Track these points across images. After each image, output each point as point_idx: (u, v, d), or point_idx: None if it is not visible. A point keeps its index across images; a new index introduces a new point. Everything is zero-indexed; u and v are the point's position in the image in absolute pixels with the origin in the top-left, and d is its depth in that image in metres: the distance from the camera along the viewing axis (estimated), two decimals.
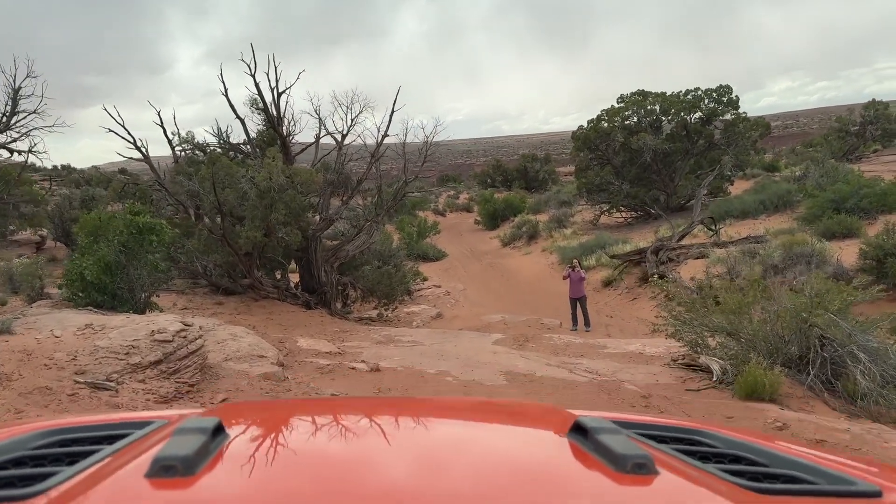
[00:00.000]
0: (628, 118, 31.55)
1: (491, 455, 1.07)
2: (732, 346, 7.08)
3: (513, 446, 1.17)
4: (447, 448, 1.12)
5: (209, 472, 0.86)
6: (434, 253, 31.78)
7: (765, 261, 16.51)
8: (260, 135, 15.62)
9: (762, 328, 6.68)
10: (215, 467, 0.88)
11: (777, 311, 6.68)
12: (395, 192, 15.81)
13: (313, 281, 15.24)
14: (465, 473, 0.94)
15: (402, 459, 1.01)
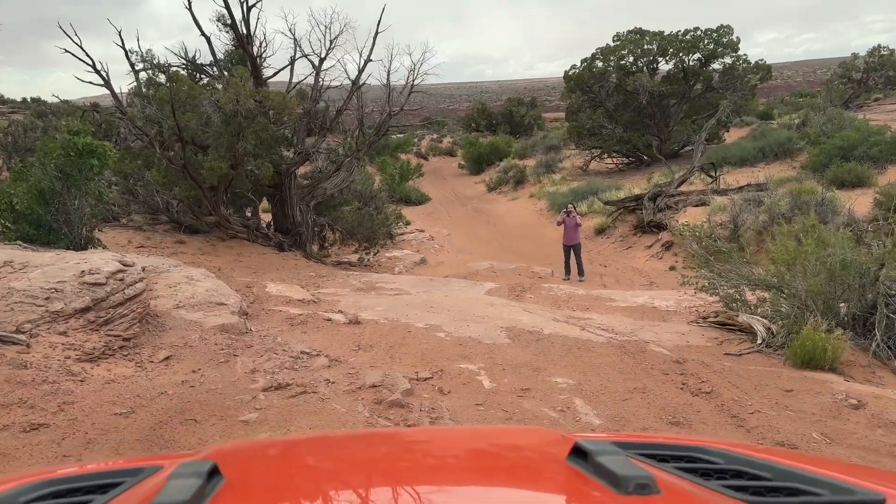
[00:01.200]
0: (624, 58, 29.96)
1: (491, 484, 1.05)
2: (779, 303, 6.00)
3: (512, 475, 1.12)
4: (446, 482, 1.08)
5: None
6: (417, 196, 30.44)
7: (771, 209, 15.47)
8: (229, 56, 13.99)
9: (818, 282, 5.58)
10: None
11: (837, 260, 5.58)
12: (378, 125, 14.38)
13: (287, 221, 13.93)
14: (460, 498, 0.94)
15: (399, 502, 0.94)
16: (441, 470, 1.18)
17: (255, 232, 13.30)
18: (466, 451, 1.34)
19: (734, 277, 6.26)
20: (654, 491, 0.85)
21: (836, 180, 16.42)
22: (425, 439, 1.55)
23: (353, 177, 14.69)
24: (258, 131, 11.89)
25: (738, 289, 6.18)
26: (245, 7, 12.45)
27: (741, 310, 6.20)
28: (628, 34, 30.27)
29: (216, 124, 10.67)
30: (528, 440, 1.42)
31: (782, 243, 5.68)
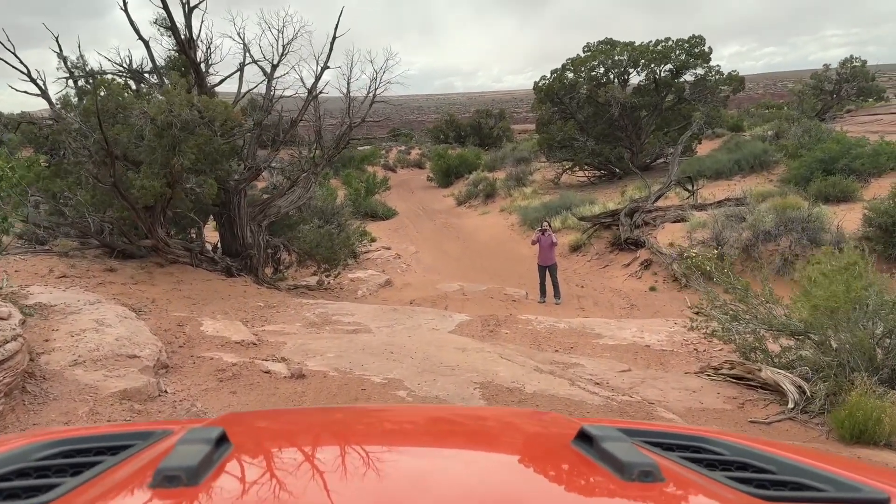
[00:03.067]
0: (595, 69, 29.24)
1: (497, 465, 1.05)
2: (813, 356, 4.96)
3: (518, 456, 1.14)
4: (453, 459, 1.09)
5: (213, 482, 0.85)
6: (383, 211, 29.23)
7: (755, 226, 14.67)
8: (172, 63, 12.69)
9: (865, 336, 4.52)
10: (219, 477, 0.87)
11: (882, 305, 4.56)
12: (338, 137, 13.19)
13: (236, 243, 12.64)
14: (470, 485, 0.92)
15: (407, 472, 0.98)
16: (445, 448, 1.17)
17: (198, 256, 11.98)
18: (474, 430, 1.34)
19: (752, 321, 5.23)
20: (657, 479, 0.85)
21: (819, 195, 15.69)
22: (434, 416, 1.54)
23: (310, 193, 13.47)
24: (201, 144, 10.61)
25: (758, 335, 5.15)
26: (186, 8, 11.20)
27: (763, 361, 5.16)
28: (599, 45, 29.61)
29: (148, 137, 9.38)
30: (536, 423, 1.42)
31: (828, 287, 4.60)
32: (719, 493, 0.86)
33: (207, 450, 0.90)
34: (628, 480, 0.85)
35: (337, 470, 0.99)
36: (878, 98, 29.78)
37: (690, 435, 1.21)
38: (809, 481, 0.92)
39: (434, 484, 0.91)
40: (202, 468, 0.84)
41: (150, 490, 0.80)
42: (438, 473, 0.98)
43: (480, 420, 1.48)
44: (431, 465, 1.03)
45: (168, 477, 0.81)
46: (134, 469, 0.92)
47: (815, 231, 14.02)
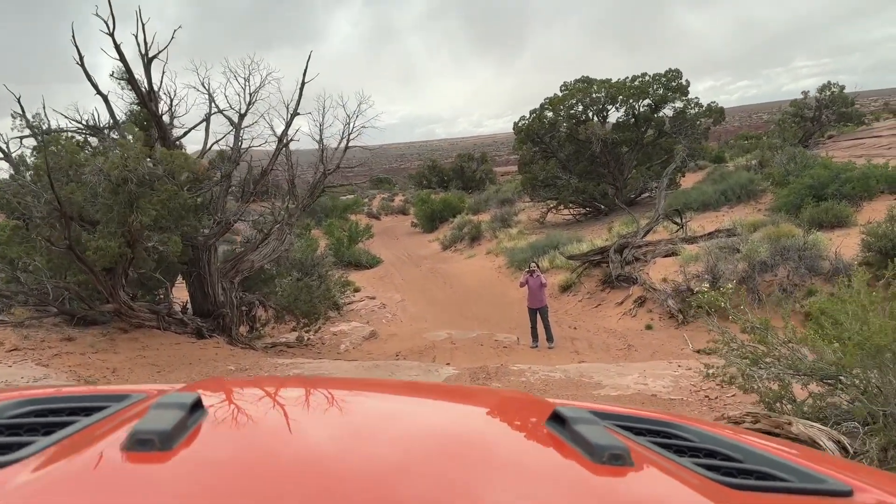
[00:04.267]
0: (573, 107, 29.16)
1: (466, 442, 1.05)
2: (843, 403, 4.30)
3: (489, 434, 1.14)
4: (421, 433, 1.10)
5: (186, 447, 0.84)
6: (367, 259, 28.56)
7: (750, 257, 14.14)
8: (133, 116, 12.15)
9: None
10: (192, 442, 0.86)
11: None
12: (313, 185, 12.63)
13: (207, 302, 11.91)
14: (439, 460, 0.93)
15: (377, 440, 0.99)
16: (416, 424, 1.17)
17: (166, 318, 11.22)
18: (448, 408, 1.34)
19: (775, 364, 4.57)
20: (627, 462, 0.86)
21: (811, 222, 15.24)
22: (408, 391, 1.59)
23: (285, 245, 12.81)
24: (164, 200, 9.98)
25: (784, 382, 4.50)
26: (145, 59, 10.71)
27: (792, 413, 4.48)
28: (576, 83, 29.60)
29: (103, 195, 8.73)
30: (510, 404, 1.42)
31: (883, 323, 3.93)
32: (687, 479, 0.87)
33: (182, 415, 0.89)
34: (598, 463, 0.86)
35: (310, 434, 1.00)
36: (859, 123, 29.84)
37: (661, 420, 1.23)
38: (775, 471, 0.94)
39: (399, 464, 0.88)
40: (175, 432, 0.84)
41: (123, 452, 0.80)
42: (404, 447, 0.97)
43: (455, 394, 1.50)
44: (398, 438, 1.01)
45: (141, 440, 0.81)
46: (107, 431, 0.91)
47: (813, 259, 13.51)
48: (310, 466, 0.85)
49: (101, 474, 0.79)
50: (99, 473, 0.79)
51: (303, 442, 0.97)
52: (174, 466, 0.79)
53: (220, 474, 0.81)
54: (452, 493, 0.82)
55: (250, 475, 0.80)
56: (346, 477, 0.82)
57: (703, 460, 0.99)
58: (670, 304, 14.61)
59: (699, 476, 0.89)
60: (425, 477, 0.86)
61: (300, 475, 0.81)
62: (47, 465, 0.79)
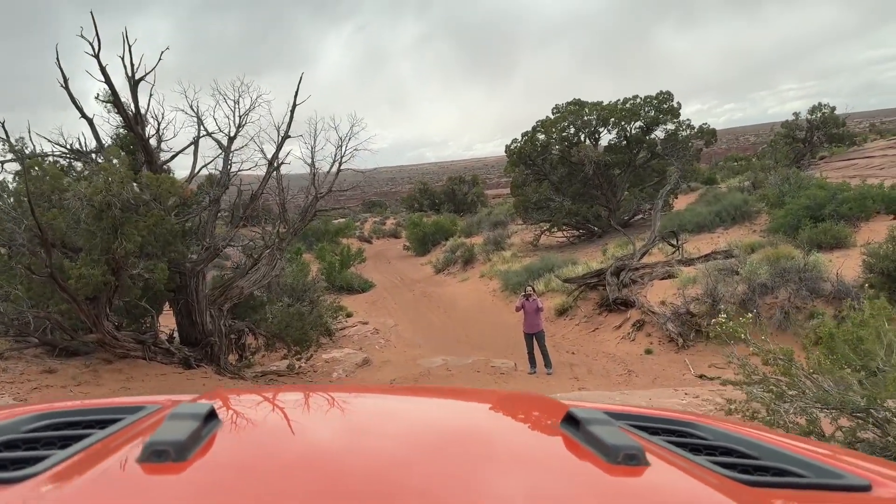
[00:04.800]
0: (565, 129, 29.12)
1: (481, 444, 1.05)
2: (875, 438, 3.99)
3: (504, 436, 1.14)
4: (438, 436, 1.10)
5: (201, 457, 0.84)
6: (360, 283, 28.19)
7: (750, 279, 13.91)
8: (119, 140, 11.87)
9: None
10: (207, 453, 0.87)
11: None
12: (304, 209, 12.33)
13: (195, 330, 11.52)
14: (456, 462, 0.92)
15: (393, 446, 0.99)
16: (431, 426, 1.16)
17: (152, 348, 10.82)
18: (462, 410, 1.34)
19: (801, 398, 4.27)
20: (642, 462, 0.86)
21: (812, 242, 15.06)
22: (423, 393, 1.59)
23: (276, 270, 12.46)
24: (150, 226, 9.66)
25: (811, 417, 4.20)
26: (132, 82, 10.44)
27: None
28: (567, 106, 29.60)
29: (85, 221, 8.39)
30: (524, 404, 1.42)
31: None
32: (703, 477, 0.87)
33: (196, 425, 0.89)
34: (613, 463, 0.85)
35: (324, 443, 0.99)
36: (850, 143, 29.94)
37: (676, 420, 1.22)
38: (792, 467, 0.93)
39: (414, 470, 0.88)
40: (190, 443, 0.84)
41: (139, 464, 0.80)
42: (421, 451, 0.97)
43: (470, 398, 1.48)
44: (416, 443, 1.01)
45: (157, 451, 0.81)
46: (122, 443, 0.92)
47: (814, 280, 13.29)
48: (325, 472, 0.85)
49: (117, 486, 0.79)
50: (115, 485, 0.79)
51: (319, 448, 0.97)
52: (190, 476, 0.79)
53: (236, 483, 0.81)
54: (468, 488, 0.82)
55: (265, 483, 0.79)
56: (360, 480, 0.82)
57: (719, 458, 0.98)
58: (670, 327, 14.33)
59: (715, 474, 0.89)
60: (439, 474, 0.87)
61: (315, 482, 0.81)
62: (64, 478, 0.80)
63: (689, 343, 14.02)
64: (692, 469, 0.90)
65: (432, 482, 0.85)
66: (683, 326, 14.22)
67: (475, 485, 0.84)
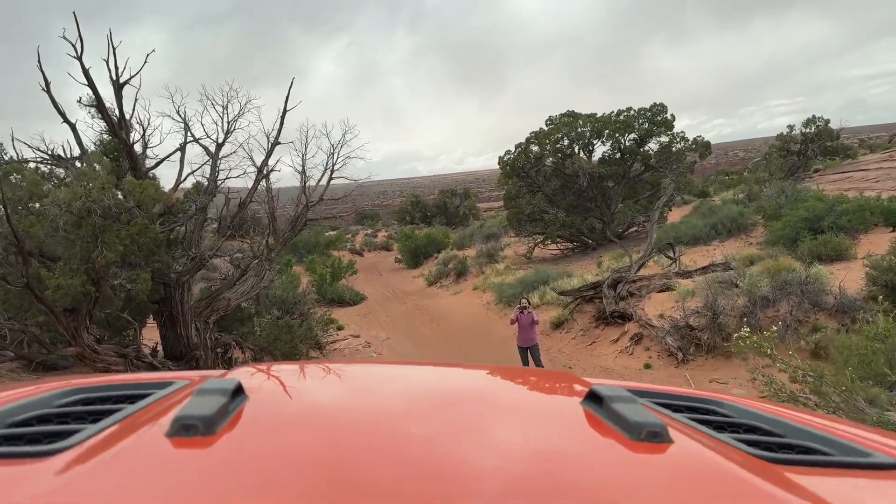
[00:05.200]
0: (559, 141, 28.90)
1: (506, 420, 1.03)
2: None
3: (528, 412, 1.11)
4: (460, 402, 1.10)
5: (228, 431, 0.85)
6: (351, 296, 27.76)
7: (751, 292, 13.61)
8: (104, 146, 11.47)
9: None
10: (234, 427, 0.88)
11: None
12: (294, 219, 11.96)
13: (180, 343, 11.09)
14: (479, 439, 0.90)
15: (423, 423, 0.98)
16: (454, 401, 1.15)
17: (134, 362, 10.37)
18: (485, 385, 1.34)
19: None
20: (665, 439, 0.86)
21: (812, 254, 14.80)
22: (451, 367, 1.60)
23: (264, 282, 12.05)
24: (133, 234, 9.27)
25: None
26: (116, 86, 10.07)
27: None
28: (561, 117, 29.42)
29: (64, 228, 7.99)
30: (548, 380, 1.43)
31: None
32: (727, 454, 0.86)
33: (224, 400, 0.91)
34: (637, 440, 0.86)
35: (352, 418, 0.98)
36: (845, 156, 29.89)
37: (699, 397, 1.21)
38: (818, 445, 0.93)
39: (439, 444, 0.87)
40: (218, 418, 0.86)
41: (168, 438, 0.82)
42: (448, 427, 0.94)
43: (495, 375, 1.47)
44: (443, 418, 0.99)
45: (185, 426, 0.82)
46: (152, 417, 0.93)
47: (816, 293, 13.00)
48: (351, 445, 0.85)
49: (147, 459, 0.79)
50: (145, 459, 0.79)
51: (345, 421, 0.96)
52: (217, 451, 0.80)
53: (262, 457, 0.80)
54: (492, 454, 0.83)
55: (292, 456, 0.80)
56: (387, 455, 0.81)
57: (744, 436, 0.97)
58: (669, 341, 13.99)
59: (740, 451, 0.88)
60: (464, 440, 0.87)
61: (341, 455, 0.81)
62: (95, 451, 0.80)
63: (689, 357, 13.68)
64: (716, 446, 0.89)
65: (452, 438, 0.87)
66: (683, 340, 13.88)
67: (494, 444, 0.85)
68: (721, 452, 0.86)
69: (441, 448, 0.86)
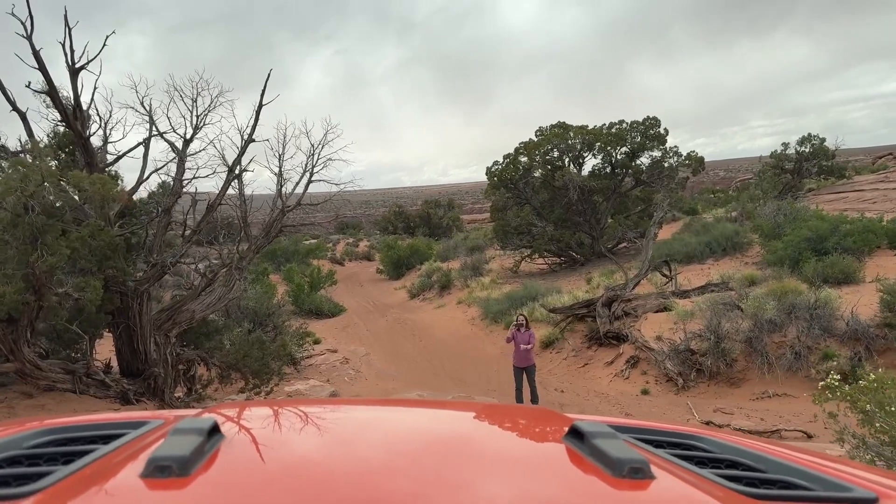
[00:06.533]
0: (549, 153, 28.12)
1: (486, 458, 1.03)
2: None
3: (508, 449, 1.12)
4: (442, 450, 1.07)
5: (204, 472, 0.84)
6: (330, 307, 26.63)
7: (756, 315, 12.79)
8: (58, 138, 10.38)
9: None
10: (210, 468, 0.86)
11: None
12: (268, 225, 10.93)
13: (137, 359, 9.99)
14: (459, 477, 0.91)
15: (396, 461, 0.97)
16: (434, 438, 1.15)
17: (84, 379, 9.25)
18: (464, 428, 1.30)
19: None
20: (647, 475, 0.85)
21: (817, 276, 14.04)
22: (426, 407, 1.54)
23: (233, 293, 10.99)
24: (85, 237, 8.20)
25: None
26: (71, 70, 9.02)
27: None
28: (552, 129, 28.67)
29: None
30: (527, 418, 1.40)
31: None
32: (709, 490, 0.86)
33: (199, 440, 0.89)
34: (618, 476, 0.85)
35: (327, 458, 0.98)
36: (840, 176, 29.40)
37: (681, 432, 1.20)
38: (799, 480, 0.93)
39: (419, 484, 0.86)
40: (193, 458, 0.83)
41: (142, 479, 0.80)
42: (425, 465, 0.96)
43: (474, 413, 1.44)
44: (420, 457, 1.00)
45: (160, 467, 0.80)
46: (126, 458, 0.91)
47: (827, 318, 12.22)
48: (328, 486, 0.84)
49: (121, 501, 0.78)
50: (119, 500, 0.78)
51: (322, 463, 0.95)
52: (193, 492, 0.78)
53: (239, 498, 0.79)
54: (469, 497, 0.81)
55: (268, 498, 0.79)
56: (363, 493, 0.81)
57: (725, 471, 0.97)
58: (668, 366, 13.12)
59: (721, 487, 0.87)
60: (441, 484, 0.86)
61: (318, 497, 0.80)
62: (68, 494, 0.79)
63: (689, 384, 12.82)
64: (698, 482, 0.88)
65: (435, 491, 0.84)
66: (684, 365, 13.03)
67: (477, 494, 0.83)
68: (703, 488, 0.86)
69: (416, 482, 0.86)
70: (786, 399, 11.76)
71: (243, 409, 1.35)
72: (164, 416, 1.18)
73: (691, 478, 0.90)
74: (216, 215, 10.65)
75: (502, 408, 1.76)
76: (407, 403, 1.52)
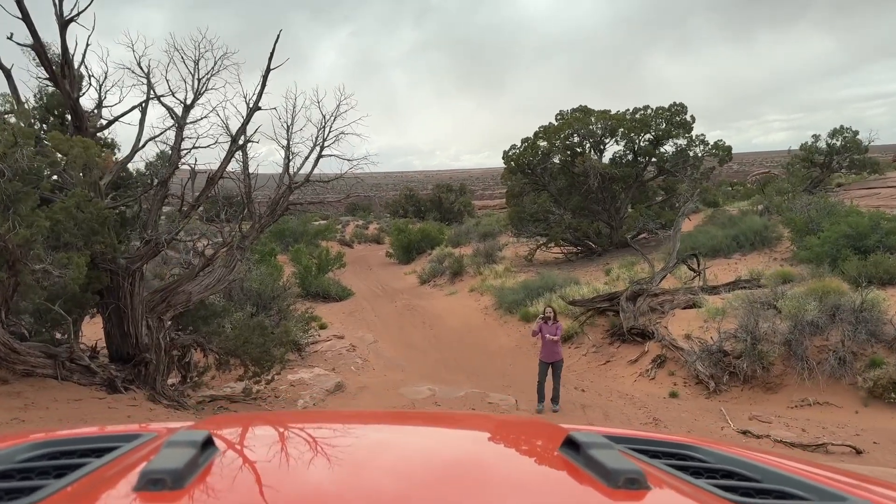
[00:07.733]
0: (569, 138, 27.04)
1: (481, 469, 1.03)
2: None
3: (504, 460, 1.13)
4: (437, 461, 1.08)
5: (198, 485, 0.83)
6: (337, 291, 25.80)
7: (798, 316, 11.83)
8: (46, 99, 9.51)
9: None
10: (204, 481, 0.85)
11: None
12: (274, 202, 10.06)
13: (127, 343, 9.17)
14: (454, 487, 0.90)
15: (391, 472, 0.97)
16: (429, 456, 1.13)
17: (67, 364, 8.45)
18: (460, 437, 1.30)
19: None
20: (643, 486, 0.84)
21: (861, 276, 13.04)
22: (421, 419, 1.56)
23: (234, 274, 10.14)
24: (71, 207, 7.36)
25: None
26: (60, 21, 8.12)
27: None
28: (573, 112, 27.56)
29: None
30: (524, 430, 1.39)
31: None
32: (704, 501, 0.85)
33: (193, 453, 0.88)
34: (614, 487, 0.84)
35: (321, 470, 0.97)
36: (872, 171, 28.17)
37: (676, 442, 1.20)
38: (794, 490, 0.92)
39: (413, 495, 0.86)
40: (187, 471, 0.82)
41: (135, 493, 0.79)
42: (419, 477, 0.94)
43: (470, 423, 1.45)
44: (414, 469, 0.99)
45: (153, 480, 0.79)
46: (119, 471, 0.90)
47: (875, 322, 11.26)
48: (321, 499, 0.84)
49: None
50: None
51: (315, 477, 0.94)
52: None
53: None
54: None
55: None
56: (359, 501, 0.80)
57: (721, 481, 0.96)
58: (699, 367, 12.21)
59: (717, 497, 0.86)
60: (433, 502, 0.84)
61: None
62: None
63: (721, 387, 11.91)
64: (693, 492, 0.88)
65: None
66: (716, 367, 12.11)
67: None
68: (698, 499, 0.85)
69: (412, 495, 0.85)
70: (828, 408, 10.85)
71: (238, 422, 1.34)
72: (157, 430, 1.17)
73: (687, 488, 0.90)
74: (217, 189, 9.77)
75: (497, 421, 1.70)
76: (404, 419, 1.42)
